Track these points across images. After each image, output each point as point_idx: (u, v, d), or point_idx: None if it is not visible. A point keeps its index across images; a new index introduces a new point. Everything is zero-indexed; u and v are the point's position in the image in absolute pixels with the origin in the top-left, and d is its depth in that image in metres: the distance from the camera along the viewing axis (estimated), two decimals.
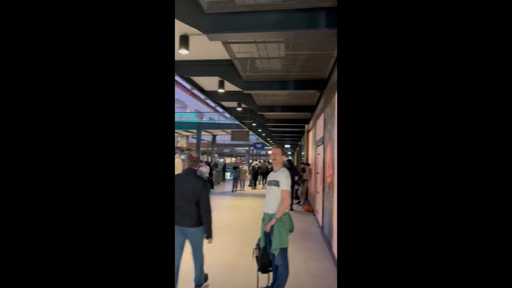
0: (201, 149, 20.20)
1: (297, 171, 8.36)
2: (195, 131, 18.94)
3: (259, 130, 12.96)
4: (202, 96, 9.05)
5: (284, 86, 5.22)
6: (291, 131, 11.84)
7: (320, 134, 5.78)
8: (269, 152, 26.11)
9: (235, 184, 11.45)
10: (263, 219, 2.65)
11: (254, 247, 2.73)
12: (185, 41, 3.62)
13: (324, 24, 2.74)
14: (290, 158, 15.16)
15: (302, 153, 12.46)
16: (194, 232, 2.47)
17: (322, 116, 5.51)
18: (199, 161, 2.81)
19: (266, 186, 2.78)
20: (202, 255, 2.61)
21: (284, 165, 2.77)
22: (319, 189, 5.62)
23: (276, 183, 2.56)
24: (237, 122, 12.39)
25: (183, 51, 3.67)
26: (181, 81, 6.68)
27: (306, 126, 9.39)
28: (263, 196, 3.39)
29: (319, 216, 5.62)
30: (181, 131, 20.46)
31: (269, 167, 13.56)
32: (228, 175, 16.14)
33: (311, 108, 7.16)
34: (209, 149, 24.85)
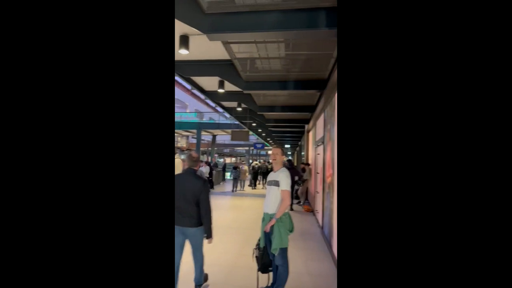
0: (201, 149, 20.20)
1: (297, 171, 8.36)
2: (195, 131, 18.94)
3: (259, 130, 12.96)
4: (202, 96, 9.05)
5: (284, 86, 5.22)
6: (291, 131, 11.84)
7: (320, 134, 5.78)
8: (269, 152, 26.11)
9: (235, 184, 11.45)
10: (263, 219, 2.65)
11: (254, 247, 2.73)
12: (185, 41, 3.62)
13: (324, 24, 2.74)
14: (290, 158, 15.16)
15: (302, 153, 12.46)
16: (194, 232, 2.46)
17: (322, 116, 5.51)
18: (199, 161, 2.81)
19: (266, 186, 2.78)
20: (202, 255, 2.61)
21: (284, 165, 2.77)
22: (319, 189, 5.62)
23: (276, 183, 2.56)
24: (237, 122, 12.40)
25: (183, 51, 3.67)
26: (181, 81, 6.68)
27: (306, 126, 9.39)
28: (263, 196, 3.39)
29: (319, 216, 5.62)
30: (181, 131, 20.46)
31: (269, 167, 13.55)
32: (228, 175, 16.14)
33: (311, 108, 7.16)
34: (209, 149, 24.85)
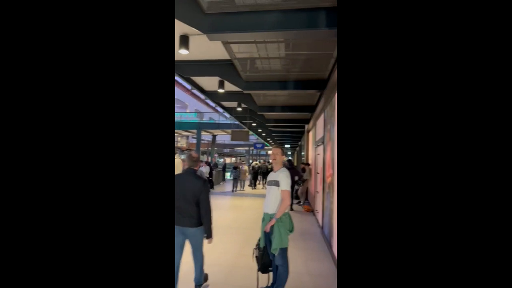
0: (201, 149, 20.20)
1: (297, 171, 8.36)
2: (195, 131, 18.94)
3: (259, 130, 12.96)
4: (202, 96, 9.05)
5: (284, 86, 5.22)
6: (291, 131, 11.84)
7: (320, 134, 5.78)
8: (269, 152, 26.10)
9: (235, 184, 11.45)
10: (263, 219, 2.65)
11: (254, 247, 2.73)
12: (185, 41, 3.62)
13: (324, 24, 2.74)
14: (290, 158, 15.16)
15: (302, 153, 12.46)
16: (194, 232, 2.46)
17: (322, 116, 5.51)
18: (199, 161, 2.81)
19: (266, 186, 2.78)
20: (202, 255, 2.61)
21: (284, 165, 2.76)
22: (319, 189, 5.62)
23: (276, 183, 2.56)
24: (237, 122, 12.40)
25: (183, 51, 3.67)
26: (181, 81, 6.68)
27: (306, 126, 9.39)
28: (263, 196, 3.39)
29: (319, 216, 5.62)
30: (181, 131, 20.46)
31: (269, 167, 13.56)
32: (228, 175, 16.14)
33: (311, 108, 7.16)
34: (209, 149, 24.85)
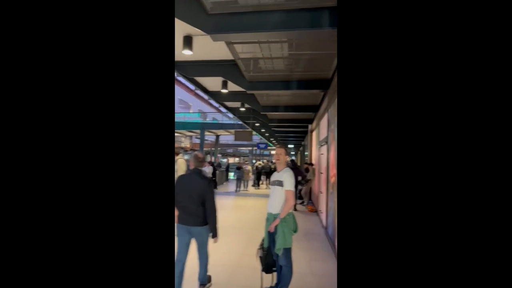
0: (204, 149, 20.24)
1: (300, 171, 8.33)
2: (198, 131, 18.99)
3: (262, 130, 12.95)
4: (205, 97, 9.07)
5: (288, 86, 5.22)
6: (295, 131, 11.81)
7: (323, 134, 5.77)
8: (273, 152, 26.07)
9: (238, 184, 11.46)
10: (267, 219, 2.65)
11: (257, 247, 2.73)
12: (189, 41, 3.63)
13: (327, 24, 2.74)
14: (293, 158, 15.11)
15: (306, 153, 12.42)
16: (200, 231, 2.50)
17: (325, 116, 5.50)
18: (204, 162, 2.83)
19: (269, 186, 2.78)
20: (207, 253, 2.63)
21: (288, 165, 2.76)
22: (323, 189, 5.60)
23: (280, 183, 2.56)
24: (240, 122, 12.39)
25: (186, 52, 3.68)
26: (184, 81, 6.71)
27: (310, 126, 9.36)
28: (266, 196, 3.39)
29: (323, 216, 5.61)
30: (185, 132, 20.51)
31: (272, 167, 13.54)
32: (231, 175, 16.15)
33: (314, 108, 7.14)
34: (213, 149, 24.88)
